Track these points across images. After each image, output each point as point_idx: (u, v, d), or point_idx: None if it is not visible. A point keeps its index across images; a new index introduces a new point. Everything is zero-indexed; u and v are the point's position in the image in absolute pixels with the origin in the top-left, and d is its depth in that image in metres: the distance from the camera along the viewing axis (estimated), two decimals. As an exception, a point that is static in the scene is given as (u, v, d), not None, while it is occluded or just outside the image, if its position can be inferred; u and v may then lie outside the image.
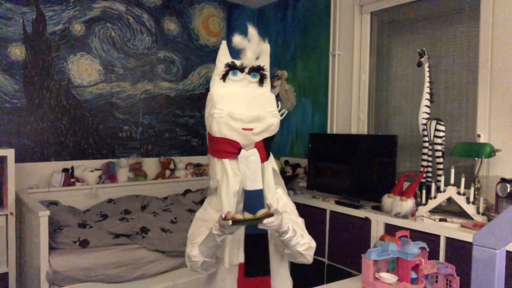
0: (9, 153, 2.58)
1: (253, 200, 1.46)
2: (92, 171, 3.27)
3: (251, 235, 1.49)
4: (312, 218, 2.81)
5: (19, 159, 2.95)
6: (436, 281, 1.79)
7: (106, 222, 2.79)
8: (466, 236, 1.93)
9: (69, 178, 3.16)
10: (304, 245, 1.48)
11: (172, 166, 3.73)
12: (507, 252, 1.13)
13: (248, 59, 1.58)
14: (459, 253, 1.96)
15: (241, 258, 1.50)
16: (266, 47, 1.62)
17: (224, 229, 1.32)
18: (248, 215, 1.32)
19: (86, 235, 2.57)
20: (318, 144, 3.06)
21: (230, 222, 1.27)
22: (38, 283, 2.31)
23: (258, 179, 1.51)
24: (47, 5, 3.14)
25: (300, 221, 1.60)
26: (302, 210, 2.87)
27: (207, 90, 4.57)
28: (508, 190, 2.04)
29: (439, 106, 2.69)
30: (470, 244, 1.29)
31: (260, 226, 1.33)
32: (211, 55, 4.04)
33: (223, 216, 1.31)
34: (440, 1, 2.73)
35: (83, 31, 3.31)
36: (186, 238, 1.57)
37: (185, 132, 3.92)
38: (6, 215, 2.56)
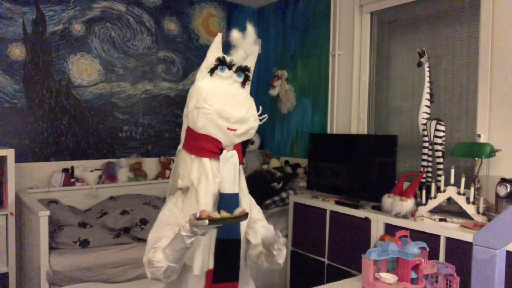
0: (9, 153, 2.58)
1: (229, 203, 1.40)
2: (92, 171, 3.27)
3: (224, 240, 1.42)
4: (312, 218, 2.81)
5: (19, 159, 2.95)
6: (436, 281, 1.79)
7: (108, 217, 2.81)
8: (466, 236, 1.93)
9: (69, 178, 3.16)
10: (283, 256, 1.47)
11: (172, 166, 3.73)
12: (507, 252, 1.13)
13: (238, 57, 1.53)
14: (459, 253, 1.96)
15: (210, 264, 1.42)
16: (256, 49, 1.58)
17: (197, 229, 1.23)
18: (225, 214, 1.25)
19: (86, 235, 2.57)
20: (318, 144, 3.06)
21: (207, 221, 1.19)
22: (38, 283, 2.31)
23: (236, 182, 1.46)
24: (47, 5, 3.14)
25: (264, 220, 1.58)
26: (302, 210, 2.89)
27: (207, 90, 4.44)
28: (508, 190, 2.04)
29: (439, 106, 2.69)
30: (470, 244, 1.28)
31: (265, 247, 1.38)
32: (211, 55, 4.04)
33: (198, 215, 1.22)
34: (440, 1, 2.73)
35: (83, 31, 3.31)
36: None
37: (185, 132, 3.92)
38: (6, 215, 2.57)
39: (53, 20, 3.17)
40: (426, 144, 2.46)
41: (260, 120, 1.54)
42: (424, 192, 2.27)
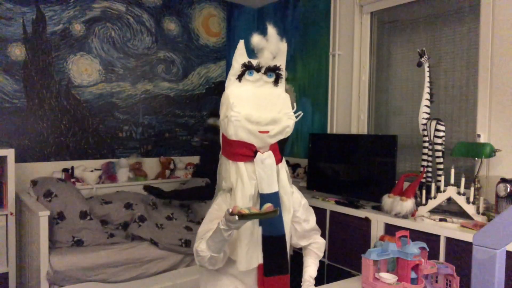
0: (9, 153, 2.59)
1: (268, 203, 1.43)
2: (92, 171, 3.27)
3: (269, 237, 1.51)
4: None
5: (19, 159, 2.95)
6: (436, 281, 1.79)
7: (113, 206, 2.84)
8: (466, 236, 1.93)
9: (69, 178, 3.16)
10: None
11: (172, 166, 3.73)
12: (507, 252, 1.13)
13: (265, 59, 1.55)
14: (459, 253, 1.96)
15: (260, 259, 1.52)
16: (283, 46, 1.60)
17: (231, 223, 1.31)
18: (254, 210, 1.33)
19: (80, 235, 2.57)
20: (318, 144, 3.06)
21: (236, 217, 1.28)
22: (38, 283, 2.31)
23: (274, 182, 1.51)
24: (47, 5, 3.14)
25: (312, 222, 1.71)
26: (302, 210, 2.89)
27: (207, 90, 4.53)
28: (508, 190, 2.04)
29: (439, 106, 2.69)
30: (470, 244, 1.28)
31: None
32: (211, 55, 4.04)
33: (230, 210, 1.31)
34: (440, 1, 2.73)
35: (83, 31, 3.31)
36: (179, 232, 1.58)
37: (185, 132, 3.92)
38: (6, 215, 2.57)
39: (53, 20, 3.17)
40: (426, 144, 2.46)
41: (296, 117, 1.57)
42: (424, 192, 2.27)
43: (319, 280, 2.66)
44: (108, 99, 3.46)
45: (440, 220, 2.15)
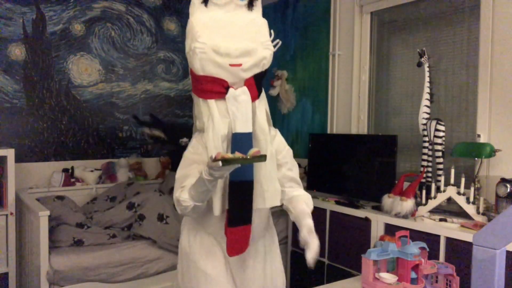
0: (9, 153, 2.59)
1: (242, 144, 1.31)
2: (92, 171, 3.27)
3: (235, 182, 1.35)
4: (312, 218, 2.81)
5: (19, 159, 2.95)
6: (436, 281, 1.79)
7: (114, 210, 2.81)
8: (466, 236, 1.93)
9: (69, 178, 3.16)
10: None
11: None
12: (507, 252, 1.13)
13: None
14: (459, 253, 1.96)
15: (226, 205, 1.38)
16: None
17: (214, 171, 1.19)
18: (239, 154, 1.20)
19: (81, 235, 2.56)
20: (318, 144, 3.06)
21: (220, 163, 1.16)
22: (38, 283, 2.31)
23: (249, 120, 1.36)
24: (47, 5, 3.14)
25: (295, 173, 1.57)
26: (302, 210, 2.89)
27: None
28: (508, 190, 2.04)
29: (439, 106, 2.69)
30: (470, 244, 1.29)
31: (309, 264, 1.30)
32: (211, 55, 4.04)
33: (213, 156, 1.18)
34: (440, 1, 2.73)
35: (83, 31, 3.31)
36: (181, 231, 1.52)
37: (185, 132, 3.92)
38: (6, 215, 2.57)
39: (53, 20, 3.17)
40: (426, 144, 2.46)
41: (274, 46, 1.41)
42: (424, 192, 2.27)
43: (319, 280, 2.66)
44: (108, 99, 3.46)
45: (440, 220, 2.15)
